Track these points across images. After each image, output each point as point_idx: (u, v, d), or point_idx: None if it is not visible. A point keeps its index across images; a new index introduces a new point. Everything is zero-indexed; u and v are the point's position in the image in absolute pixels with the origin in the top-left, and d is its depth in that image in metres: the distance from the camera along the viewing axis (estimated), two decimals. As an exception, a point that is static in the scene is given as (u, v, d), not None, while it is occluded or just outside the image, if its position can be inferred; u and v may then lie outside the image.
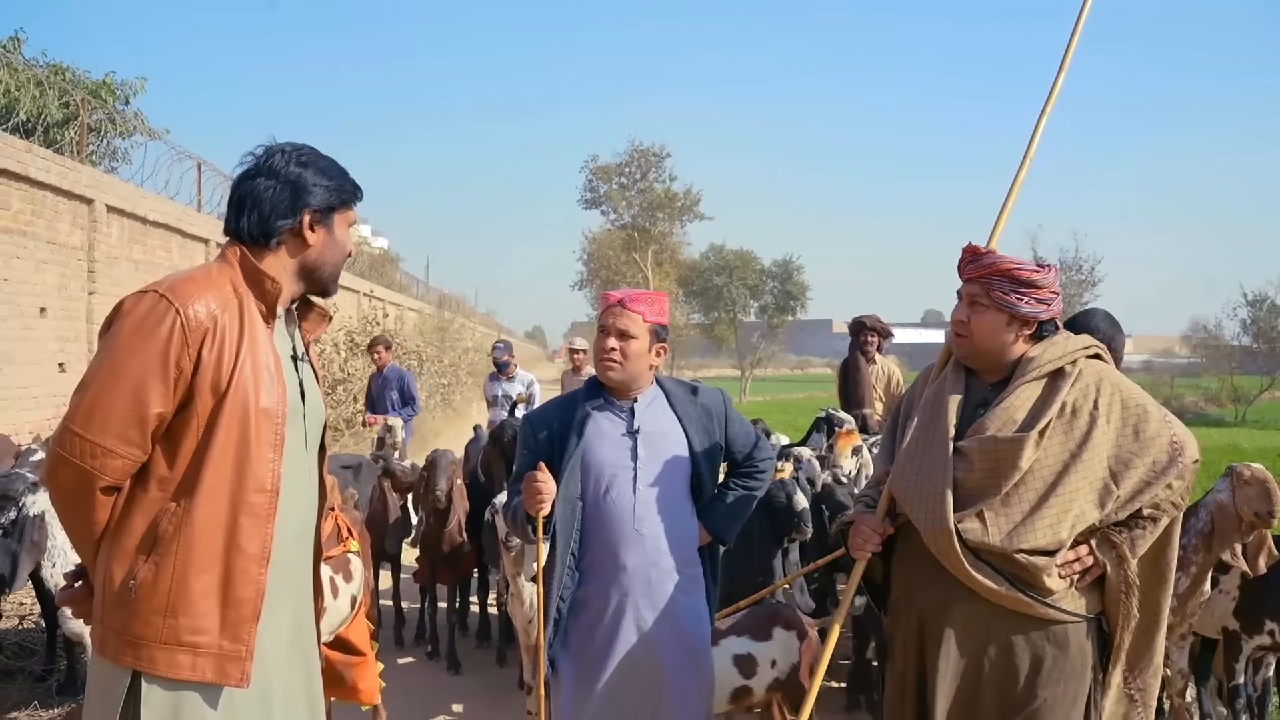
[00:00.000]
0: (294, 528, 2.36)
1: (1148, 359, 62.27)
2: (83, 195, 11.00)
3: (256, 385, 2.24)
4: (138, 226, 12.58)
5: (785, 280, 45.51)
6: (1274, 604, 4.55)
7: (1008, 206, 3.18)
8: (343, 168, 2.45)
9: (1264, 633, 4.56)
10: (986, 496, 2.66)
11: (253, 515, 2.22)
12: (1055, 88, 3.23)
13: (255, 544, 2.22)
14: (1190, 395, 40.51)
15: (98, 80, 16.89)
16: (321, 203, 2.36)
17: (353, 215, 2.46)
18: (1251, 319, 41.01)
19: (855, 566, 2.94)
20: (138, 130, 16.36)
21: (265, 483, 2.24)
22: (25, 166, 9.81)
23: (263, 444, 2.24)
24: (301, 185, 2.34)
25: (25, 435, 8.96)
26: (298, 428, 2.38)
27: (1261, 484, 4.17)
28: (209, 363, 2.19)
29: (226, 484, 2.20)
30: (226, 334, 2.22)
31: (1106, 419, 2.70)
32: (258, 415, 2.23)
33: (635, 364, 3.15)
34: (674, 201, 41.17)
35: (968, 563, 2.64)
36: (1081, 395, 2.71)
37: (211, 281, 2.27)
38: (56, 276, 10.59)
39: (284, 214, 2.33)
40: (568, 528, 3.08)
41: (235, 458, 2.21)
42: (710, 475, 3.23)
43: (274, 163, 2.36)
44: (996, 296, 2.74)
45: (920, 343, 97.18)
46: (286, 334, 2.43)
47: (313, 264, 2.41)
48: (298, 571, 2.43)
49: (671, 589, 3.11)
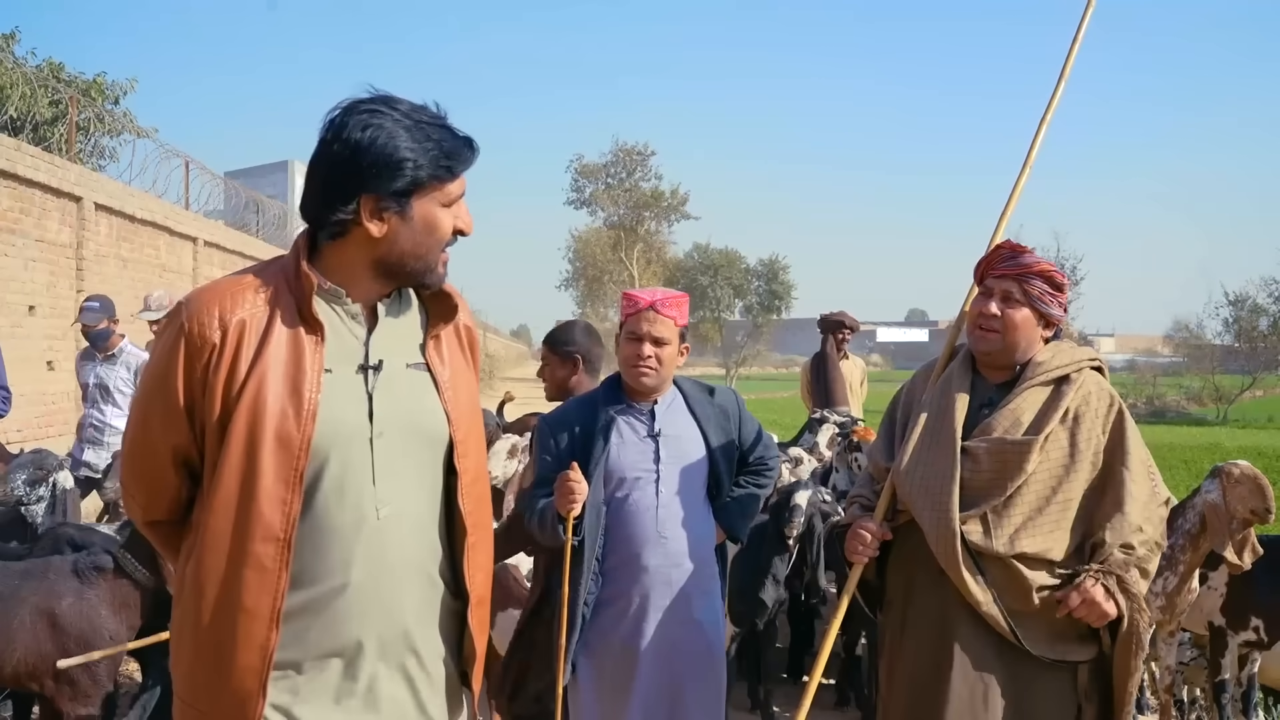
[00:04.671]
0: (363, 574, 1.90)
1: (1130, 358, 62.61)
2: (71, 193, 10.98)
3: (265, 408, 1.84)
4: (126, 224, 12.55)
5: (770, 279, 45.61)
6: (1259, 600, 4.63)
7: (1007, 213, 3.21)
8: (439, 127, 1.92)
9: (1249, 629, 4.64)
10: (991, 498, 2.69)
11: (258, 569, 1.83)
12: (1055, 96, 3.25)
13: (263, 602, 1.84)
14: (1172, 394, 40.77)
15: (89, 80, 16.90)
16: (387, 187, 1.87)
17: (453, 190, 1.94)
18: (1233, 318, 41.31)
19: (852, 571, 2.93)
20: (126, 129, 16.35)
21: (275, 529, 1.83)
22: (14, 164, 9.78)
23: (272, 480, 1.83)
24: (359, 163, 1.85)
25: (13, 434, 8.94)
26: (359, 455, 1.92)
27: (1253, 481, 4.22)
28: (216, 383, 1.84)
29: (228, 529, 1.84)
30: (243, 346, 1.85)
31: (1104, 429, 2.75)
32: (267, 445, 1.83)
33: (668, 369, 3.18)
34: (660, 201, 41.23)
35: (965, 567, 2.67)
36: (1083, 403, 2.76)
37: (241, 283, 1.92)
38: (45, 274, 10.56)
39: (337, 200, 1.88)
40: (593, 532, 3.08)
41: (239, 497, 1.84)
42: (727, 475, 3.25)
43: (346, 125, 1.87)
44: (1032, 296, 2.77)
45: (904, 341, 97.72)
46: (358, 339, 1.96)
47: (390, 259, 1.94)
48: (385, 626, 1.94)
49: (692, 590, 3.14)
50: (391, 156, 1.84)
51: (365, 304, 1.98)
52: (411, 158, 1.86)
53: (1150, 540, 2.71)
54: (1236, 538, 4.29)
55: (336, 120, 1.88)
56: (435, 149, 1.89)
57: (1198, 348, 43.62)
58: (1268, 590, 4.60)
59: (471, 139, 1.95)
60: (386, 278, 1.96)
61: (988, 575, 2.68)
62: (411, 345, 2.03)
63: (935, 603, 2.78)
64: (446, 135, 1.91)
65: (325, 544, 1.89)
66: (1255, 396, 41.30)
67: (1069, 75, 3.28)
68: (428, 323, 2.06)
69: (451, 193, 1.94)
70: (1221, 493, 4.29)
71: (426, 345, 2.04)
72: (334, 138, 1.87)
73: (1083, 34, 3.31)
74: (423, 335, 2.05)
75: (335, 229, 1.90)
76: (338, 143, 1.86)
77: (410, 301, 2.06)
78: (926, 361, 3.14)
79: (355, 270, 1.94)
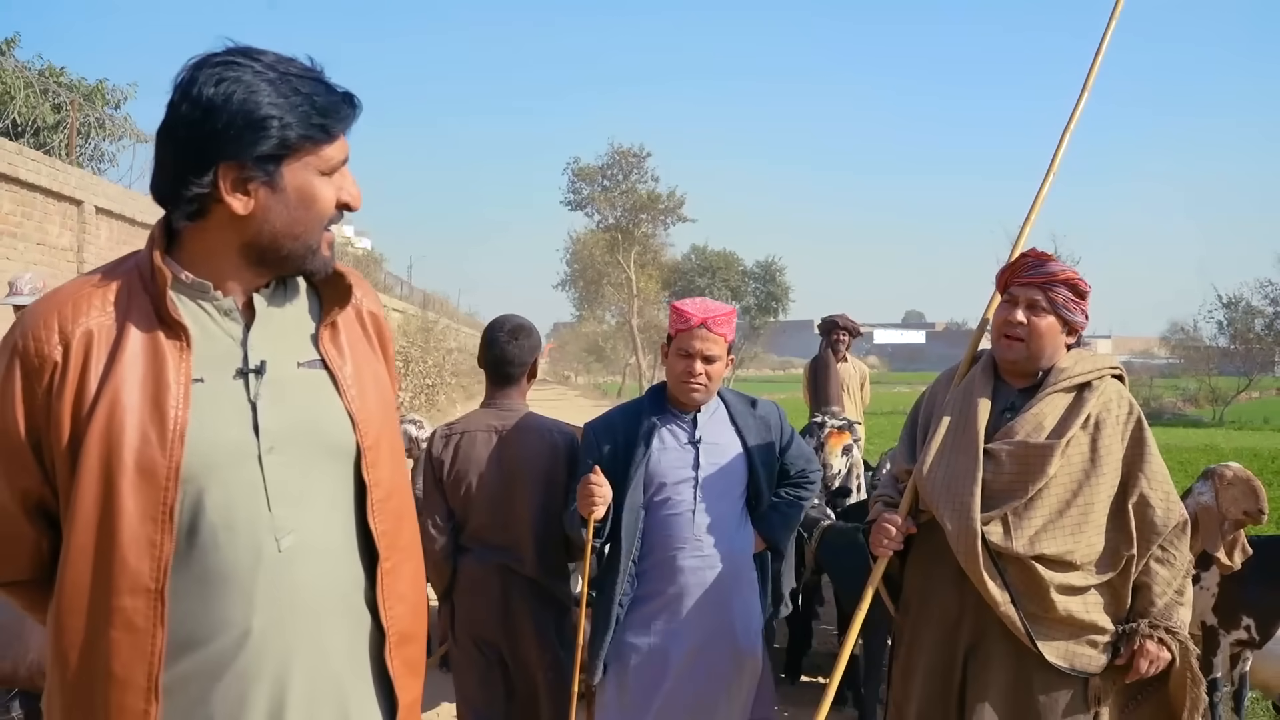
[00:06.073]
0: (269, 618, 1.59)
1: (1127, 359, 62.60)
2: (72, 197, 11.07)
3: (121, 432, 1.51)
4: (126, 227, 12.64)
5: (768, 282, 45.58)
6: (1250, 600, 4.70)
7: (1031, 218, 3.23)
8: (308, 78, 1.58)
9: (1240, 628, 4.70)
10: (1012, 499, 2.73)
11: (126, 628, 1.51)
12: (1079, 104, 3.27)
13: (137, 669, 1.51)
14: (1169, 396, 40.84)
15: (90, 85, 16.93)
16: (249, 151, 1.53)
17: (332, 154, 1.62)
18: (1228, 320, 41.34)
19: (876, 565, 2.97)
20: (126, 134, 16.40)
21: (143, 578, 1.50)
22: (16, 169, 9.88)
23: (136, 519, 1.50)
24: (213, 125, 1.51)
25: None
26: (247, 477, 1.60)
27: (1246, 483, 4.26)
28: (61, 408, 1.53)
29: (87, 584, 1.52)
30: (90, 362, 1.54)
31: (1123, 437, 2.79)
32: (127, 476, 1.50)
33: (717, 384, 3.25)
34: (657, 203, 41.19)
35: (984, 567, 2.70)
36: (1104, 409, 2.80)
37: (84, 287, 1.60)
38: (46, 277, 10.59)
39: (190, 171, 1.54)
40: (631, 535, 3.16)
41: (96, 543, 1.51)
42: (766, 484, 3.31)
43: (196, 81, 1.53)
44: (1057, 304, 2.82)
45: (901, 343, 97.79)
46: (233, 338, 1.65)
47: (262, 241, 1.61)
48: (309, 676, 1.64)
49: (725, 592, 3.19)
50: (253, 114, 1.51)
51: (239, 297, 1.66)
52: (277, 115, 1.53)
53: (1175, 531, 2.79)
54: (1228, 539, 4.35)
55: (185, 78, 1.54)
56: (306, 104, 1.56)
57: (1194, 350, 43.60)
58: (1258, 590, 4.66)
59: (352, 94, 1.63)
60: (260, 264, 1.64)
61: (1006, 576, 2.72)
62: (302, 340, 1.71)
63: (953, 602, 2.83)
64: (320, 89, 1.58)
65: (214, 590, 1.56)
66: (1251, 398, 41.38)
67: (1093, 83, 3.29)
68: (320, 312, 1.74)
69: (331, 158, 1.62)
70: (1214, 494, 4.33)
71: (320, 337, 1.72)
72: (182, 98, 1.53)
73: (1108, 41, 3.33)
74: (315, 326, 1.73)
75: (191, 207, 1.57)
76: (186, 102, 1.53)
77: (297, 289, 1.74)
78: (948, 367, 3.18)
79: (221, 258, 1.62)
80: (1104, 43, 3.33)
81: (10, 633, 3.65)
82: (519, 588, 3.38)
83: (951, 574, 2.79)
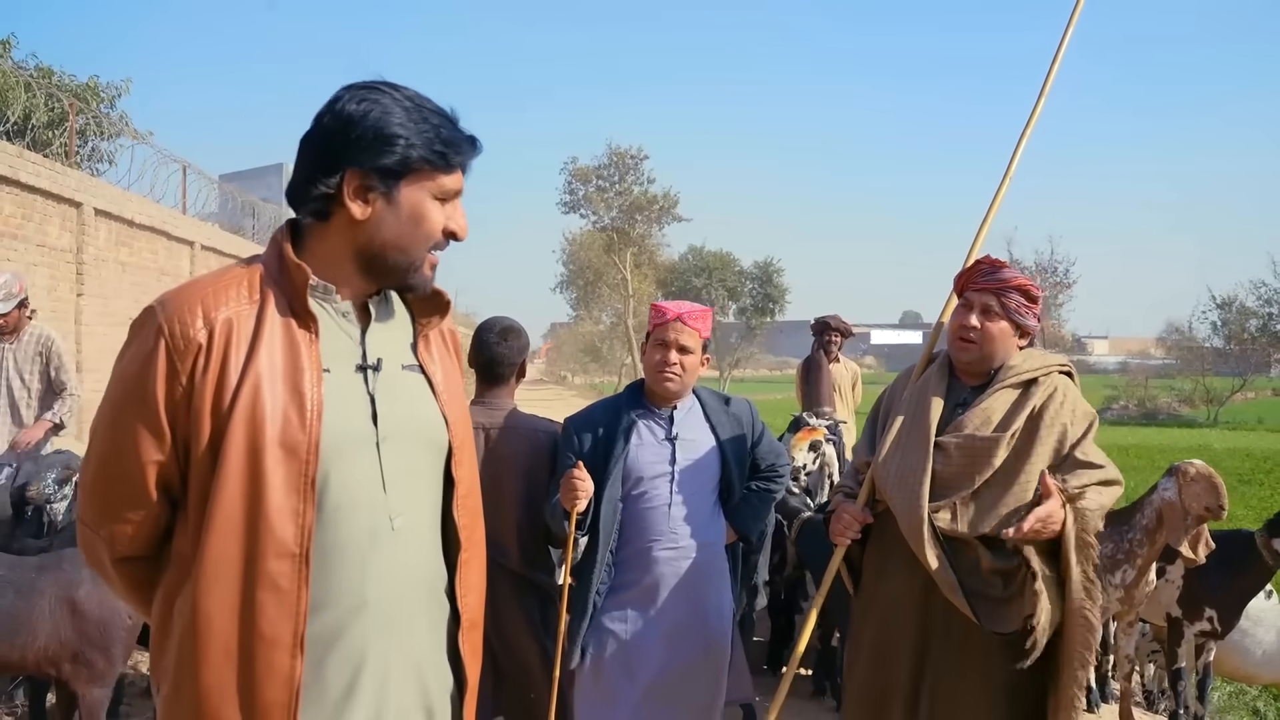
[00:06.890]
0: (379, 591, 1.75)
1: (1123, 360, 62.80)
2: (71, 199, 11.18)
3: (264, 412, 1.65)
4: (125, 229, 12.76)
5: (765, 282, 45.68)
6: (1213, 592, 4.85)
7: (987, 221, 3.36)
8: (440, 114, 1.77)
9: (1204, 619, 4.86)
10: (960, 489, 2.89)
11: (274, 590, 1.65)
12: (1036, 109, 3.40)
13: (283, 627, 1.65)
14: (1164, 396, 40.96)
15: (83, 83, 17.00)
16: (374, 161, 1.70)
17: (447, 183, 1.78)
18: (1222, 321, 41.50)
19: (835, 552, 3.14)
20: (123, 132, 16.49)
21: (289, 543, 1.65)
22: (16, 171, 10.00)
23: (282, 491, 1.65)
24: (348, 135, 1.70)
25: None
26: (367, 461, 1.76)
27: (1208, 480, 4.40)
28: (204, 389, 1.65)
29: (237, 550, 1.64)
30: (232, 346, 1.67)
31: (1070, 421, 2.93)
32: (272, 452, 1.65)
33: (690, 376, 3.39)
34: (653, 204, 41.30)
35: (930, 548, 2.85)
36: (1047, 399, 2.94)
37: (223, 279, 1.74)
38: (46, 279, 10.74)
39: (321, 171, 1.72)
40: (609, 526, 3.30)
41: (245, 513, 1.64)
42: (738, 479, 3.46)
43: (341, 99, 1.74)
44: (1010, 309, 2.98)
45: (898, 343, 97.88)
46: (351, 338, 1.81)
47: (372, 248, 1.76)
48: (403, 650, 1.80)
49: (699, 581, 3.34)
50: (383, 130, 1.70)
51: (354, 303, 1.83)
52: (404, 135, 1.71)
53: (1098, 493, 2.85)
54: (1191, 533, 4.49)
55: (334, 97, 1.76)
56: (432, 133, 1.74)
57: (1189, 350, 43.78)
58: (1220, 583, 4.82)
59: (475, 138, 1.81)
60: (368, 273, 1.79)
61: (952, 557, 2.87)
62: (403, 347, 1.88)
63: (903, 583, 2.98)
64: (447, 124, 1.77)
65: (334, 562, 1.71)
66: (1246, 399, 41.55)
67: (1049, 91, 3.42)
68: (415, 324, 1.92)
69: (446, 186, 1.78)
70: (1178, 490, 4.48)
71: (417, 346, 1.90)
72: (327, 111, 1.74)
73: (1063, 51, 3.45)
74: (413, 336, 1.91)
75: (317, 205, 1.73)
76: (329, 115, 1.73)
77: (394, 305, 1.92)
78: (908, 366, 3.33)
79: (340, 263, 1.77)
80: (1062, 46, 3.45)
81: (18, 620, 3.77)
82: (505, 581, 3.49)
83: (904, 559, 2.95)
